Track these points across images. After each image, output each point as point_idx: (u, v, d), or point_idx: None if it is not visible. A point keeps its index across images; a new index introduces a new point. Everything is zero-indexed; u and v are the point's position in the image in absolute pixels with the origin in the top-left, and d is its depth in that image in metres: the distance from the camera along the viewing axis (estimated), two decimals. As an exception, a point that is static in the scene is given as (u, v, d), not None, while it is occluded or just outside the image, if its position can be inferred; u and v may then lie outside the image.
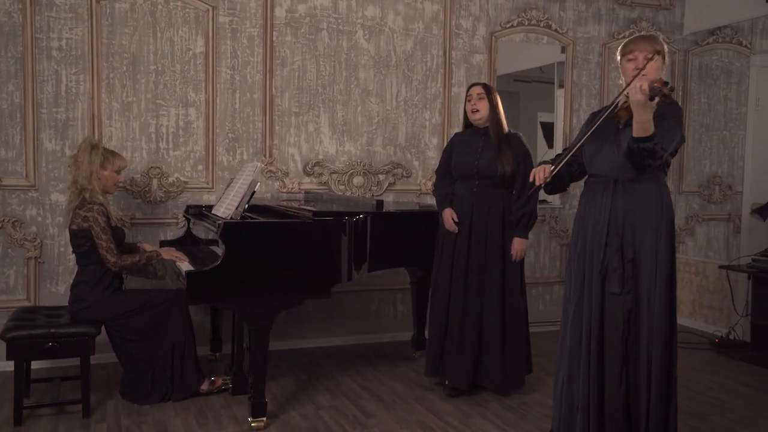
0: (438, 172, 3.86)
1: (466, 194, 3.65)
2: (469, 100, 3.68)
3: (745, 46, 5.60)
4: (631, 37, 2.83)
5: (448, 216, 3.65)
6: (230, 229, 3.04)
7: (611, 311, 2.68)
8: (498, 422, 3.32)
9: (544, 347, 4.65)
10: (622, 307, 2.65)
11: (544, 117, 5.45)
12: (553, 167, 2.71)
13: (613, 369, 2.68)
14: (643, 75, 2.60)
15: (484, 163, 3.59)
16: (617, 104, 2.60)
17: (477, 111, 3.63)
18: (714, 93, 5.62)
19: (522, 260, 3.67)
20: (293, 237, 3.12)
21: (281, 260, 3.10)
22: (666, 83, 2.43)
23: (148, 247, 3.66)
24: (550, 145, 5.40)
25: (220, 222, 3.09)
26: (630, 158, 2.55)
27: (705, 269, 5.18)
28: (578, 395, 2.72)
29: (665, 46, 2.74)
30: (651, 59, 2.62)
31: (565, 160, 2.71)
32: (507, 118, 3.70)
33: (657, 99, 2.42)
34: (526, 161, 3.58)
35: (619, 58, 2.80)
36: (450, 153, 3.77)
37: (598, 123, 2.62)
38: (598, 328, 2.70)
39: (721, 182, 5.64)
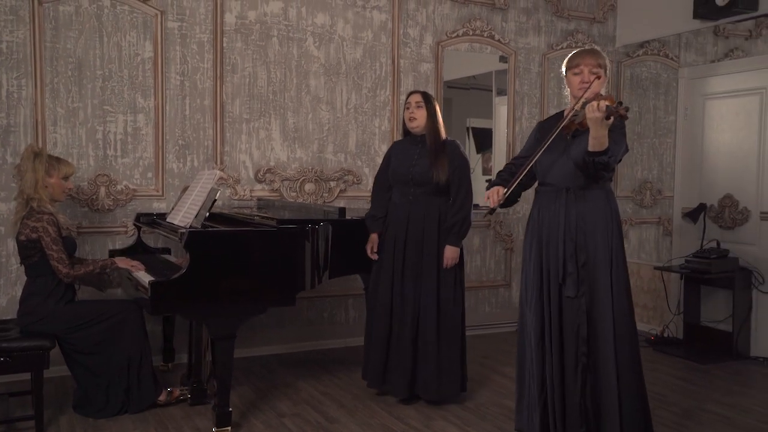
0: (376, 180, 3.83)
1: (402, 202, 3.67)
2: (407, 108, 3.69)
3: (672, 58, 5.93)
4: (576, 50, 2.96)
5: (371, 242, 3.69)
6: (196, 238, 3.01)
7: (568, 314, 2.83)
8: (459, 423, 3.41)
9: (491, 349, 4.80)
10: (578, 309, 2.81)
11: (475, 123, 5.62)
12: (506, 190, 2.86)
13: (571, 369, 2.82)
14: (587, 88, 2.79)
15: (418, 171, 3.61)
16: (571, 119, 2.76)
17: (414, 119, 3.66)
18: (644, 102, 5.93)
19: (462, 269, 3.68)
20: (259, 245, 3.12)
21: (247, 269, 3.09)
22: (620, 103, 2.59)
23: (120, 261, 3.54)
24: (480, 149, 5.57)
25: (183, 231, 3.06)
26: (584, 170, 2.71)
27: (639, 270, 5.45)
28: (537, 395, 2.85)
29: (607, 60, 2.91)
30: (596, 74, 2.80)
31: (517, 182, 2.85)
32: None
33: (612, 118, 2.56)
34: (461, 169, 3.62)
35: (564, 70, 2.95)
36: (388, 161, 3.78)
37: (550, 140, 2.78)
38: (557, 331, 2.83)
39: (651, 187, 5.96)
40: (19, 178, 3.33)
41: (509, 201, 3.01)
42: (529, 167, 2.84)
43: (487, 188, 3.01)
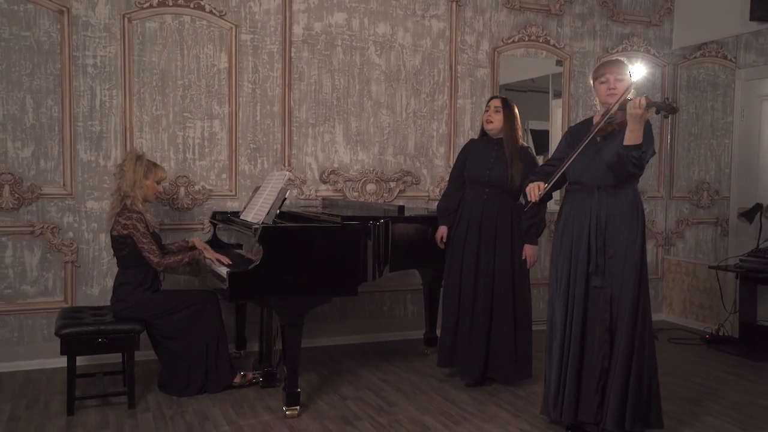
0: (451, 176, 4.15)
1: (476, 200, 3.94)
2: (487, 111, 3.97)
3: (730, 60, 5.94)
4: (601, 62, 3.30)
5: (440, 234, 4.00)
6: (268, 233, 3.31)
7: (594, 303, 3.08)
8: (511, 409, 3.61)
9: (543, 344, 4.94)
10: (602, 298, 3.06)
11: (534, 125, 5.77)
12: (546, 185, 3.09)
13: (591, 356, 3.06)
14: (614, 93, 3.07)
15: (495, 174, 3.87)
16: (607, 121, 2.99)
17: (491, 122, 3.93)
18: (701, 104, 5.96)
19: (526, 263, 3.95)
20: (325, 240, 3.40)
21: (314, 261, 3.38)
22: (667, 98, 2.81)
23: (198, 243, 3.88)
24: (540, 151, 5.71)
25: (257, 226, 3.37)
26: (616, 166, 2.97)
27: (695, 270, 5.50)
28: (557, 380, 3.09)
29: (629, 70, 3.18)
30: (621, 81, 3.08)
31: (555, 178, 3.09)
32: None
33: (662, 112, 2.83)
34: None
35: (592, 81, 3.25)
36: (464, 159, 4.04)
37: (586, 141, 3.02)
38: (581, 319, 3.09)
39: (709, 188, 5.98)
40: (119, 177, 3.70)
41: (544, 199, 3.24)
42: (567, 166, 3.08)
43: (525, 186, 3.26)
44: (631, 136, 2.90)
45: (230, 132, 4.59)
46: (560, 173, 3.09)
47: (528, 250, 3.86)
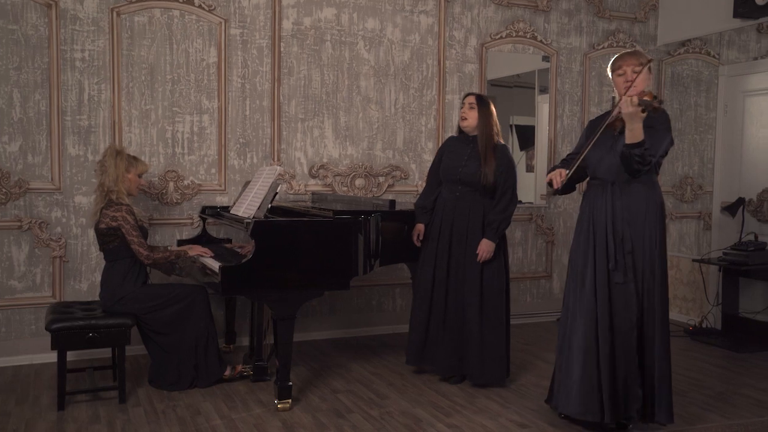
0: (429, 173, 4.13)
1: (449, 197, 3.92)
2: (462, 107, 3.96)
3: (713, 56, 6.03)
4: (618, 54, 3.22)
5: (417, 231, 3.97)
6: (261, 227, 3.32)
7: (619, 299, 3.06)
8: (500, 401, 3.65)
9: (532, 336, 5.02)
10: (628, 294, 3.05)
11: (519, 120, 5.80)
12: (568, 171, 3.07)
13: (622, 351, 3.05)
14: (633, 87, 3.00)
15: (467, 171, 3.85)
16: (616, 116, 2.98)
17: (465, 119, 3.92)
18: (685, 99, 6.05)
19: (506, 261, 3.92)
20: (317, 234, 3.42)
21: (306, 255, 3.39)
22: (655, 97, 2.81)
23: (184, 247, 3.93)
24: (523, 147, 5.75)
25: (249, 221, 3.38)
26: (623, 163, 2.93)
27: (679, 263, 5.59)
28: (583, 375, 3.08)
29: (649, 58, 3.13)
30: (638, 72, 3.01)
31: (576, 165, 3.08)
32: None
33: (647, 112, 2.80)
34: (507, 173, 3.83)
35: (610, 74, 3.19)
36: (441, 156, 4.05)
37: (598, 135, 3.01)
38: (608, 315, 3.06)
39: (692, 182, 6.07)
40: (101, 173, 3.70)
41: (567, 188, 3.23)
42: (583, 156, 3.09)
43: (547, 173, 3.26)
44: (631, 135, 2.87)
45: (219, 127, 4.59)
46: (576, 165, 3.08)
47: (484, 245, 3.76)
